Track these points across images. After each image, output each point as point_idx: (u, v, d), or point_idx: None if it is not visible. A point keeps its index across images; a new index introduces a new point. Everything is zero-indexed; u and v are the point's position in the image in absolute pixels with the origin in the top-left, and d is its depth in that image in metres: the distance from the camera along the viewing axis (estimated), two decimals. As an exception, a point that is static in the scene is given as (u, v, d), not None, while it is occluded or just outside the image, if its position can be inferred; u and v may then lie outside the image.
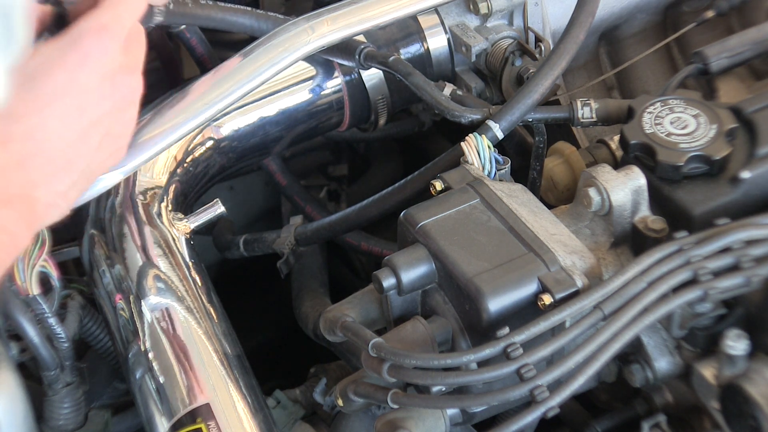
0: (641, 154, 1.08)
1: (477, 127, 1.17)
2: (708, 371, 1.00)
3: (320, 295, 1.39)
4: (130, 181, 1.26)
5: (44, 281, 1.17)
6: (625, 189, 1.04)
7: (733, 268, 0.95)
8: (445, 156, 1.19)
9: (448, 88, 1.25)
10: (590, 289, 0.94)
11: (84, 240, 1.26)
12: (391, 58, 1.25)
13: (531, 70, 1.26)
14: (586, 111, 1.20)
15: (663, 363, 1.03)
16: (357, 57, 1.27)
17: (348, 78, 1.36)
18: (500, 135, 1.15)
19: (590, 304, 0.94)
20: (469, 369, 0.94)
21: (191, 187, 1.32)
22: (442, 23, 1.36)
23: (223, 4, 1.28)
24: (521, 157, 1.23)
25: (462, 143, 1.13)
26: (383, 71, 1.32)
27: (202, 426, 1.05)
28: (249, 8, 1.30)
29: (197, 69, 1.44)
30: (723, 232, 0.97)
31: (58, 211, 0.84)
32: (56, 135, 0.82)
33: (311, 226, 1.37)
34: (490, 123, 1.16)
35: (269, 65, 1.18)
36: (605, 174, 1.05)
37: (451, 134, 1.60)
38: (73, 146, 0.84)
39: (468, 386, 0.97)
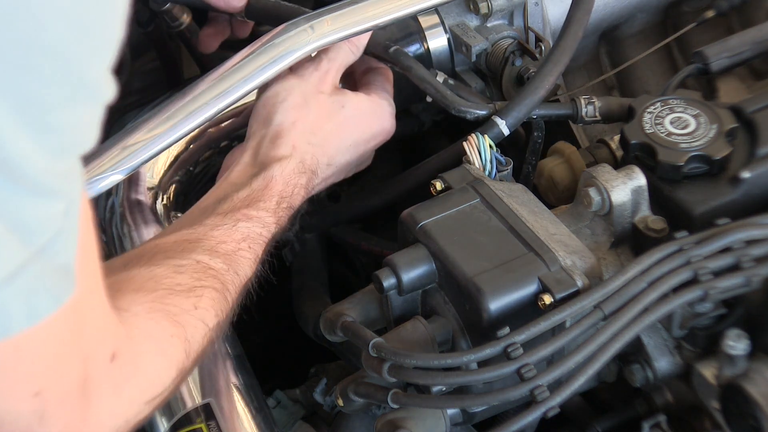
0: (641, 154, 1.08)
1: (482, 123, 1.17)
2: (708, 371, 1.00)
3: (320, 295, 1.39)
4: (130, 181, 1.26)
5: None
6: (625, 189, 1.04)
7: (734, 268, 0.95)
8: (452, 147, 1.19)
9: (441, 77, 1.26)
10: (590, 289, 0.95)
11: (84, 240, 1.26)
12: (392, 49, 1.25)
13: (531, 70, 1.26)
14: (590, 109, 1.20)
15: (663, 363, 1.03)
16: None
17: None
18: (506, 131, 1.15)
19: (590, 304, 0.94)
20: (469, 369, 0.94)
21: (191, 187, 1.32)
22: (443, 23, 1.36)
23: None
24: (512, 150, 1.23)
25: (464, 143, 1.13)
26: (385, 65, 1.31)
27: (202, 426, 1.05)
28: None
29: (197, 69, 1.44)
30: (723, 232, 0.97)
31: None
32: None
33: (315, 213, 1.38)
34: (497, 119, 1.16)
35: (269, 65, 1.18)
36: (605, 174, 1.05)
37: (452, 134, 1.60)
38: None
39: (468, 386, 0.97)
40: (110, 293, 0.78)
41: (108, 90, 0.68)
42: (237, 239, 1.02)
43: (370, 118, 1.18)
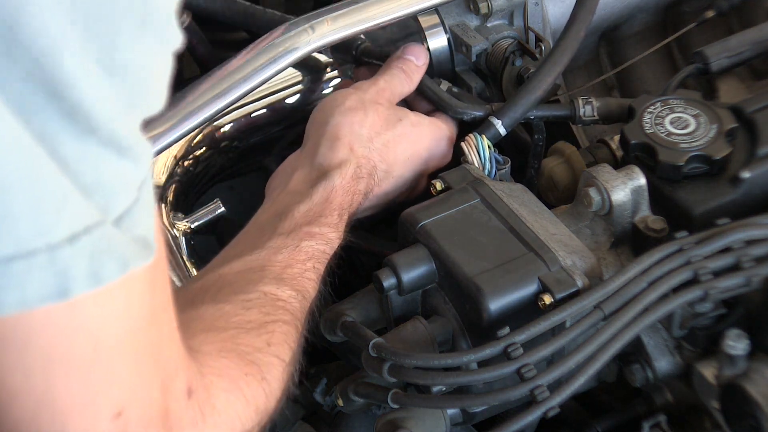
0: (642, 154, 1.08)
1: (479, 124, 1.17)
2: (708, 371, 1.00)
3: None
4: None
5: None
6: (625, 189, 1.04)
7: (734, 268, 0.96)
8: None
9: (444, 85, 1.26)
10: (590, 289, 0.95)
11: (84, 240, 1.26)
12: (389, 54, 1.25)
13: (531, 70, 1.26)
14: (587, 109, 1.20)
15: (663, 363, 1.03)
16: (353, 53, 1.27)
17: (347, 77, 1.36)
18: (503, 132, 1.15)
19: (590, 304, 0.94)
20: (469, 369, 0.94)
21: (191, 187, 1.32)
22: (443, 23, 1.36)
23: None
24: (515, 154, 1.23)
25: (462, 143, 1.13)
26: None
27: (203, 426, 1.05)
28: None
29: (197, 69, 1.44)
30: (723, 232, 0.97)
31: None
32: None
33: None
34: (493, 119, 1.16)
35: (269, 65, 1.18)
36: (606, 174, 1.05)
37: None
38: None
39: (468, 386, 0.97)
40: (180, 332, 0.73)
41: (176, 35, 0.63)
42: (302, 260, 0.99)
43: (428, 137, 1.15)
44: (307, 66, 1.36)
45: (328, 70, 1.36)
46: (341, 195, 1.06)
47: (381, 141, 1.11)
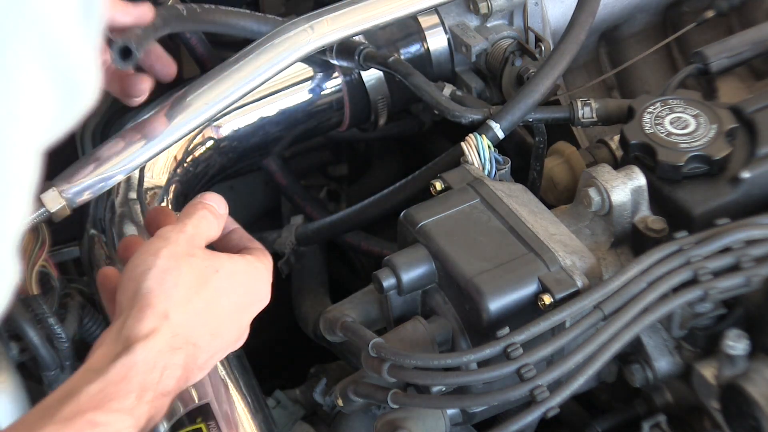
0: (641, 154, 1.08)
1: (477, 127, 1.17)
2: (708, 371, 1.00)
3: (320, 295, 1.39)
4: (130, 181, 1.26)
5: (44, 281, 1.16)
6: (625, 189, 1.04)
7: (733, 268, 0.96)
8: (445, 156, 1.19)
9: (448, 89, 1.25)
10: (590, 289, 0.95)
11: (84, 240, 1.26)
12: (391, 59, 1.25)
13: (531, 70, 1.26)
14: (586, 111, 1.20)
15: (663, 363, 1.03)
16: (356, 58, 1.27)
17: (348, 78, 1.36)
18: (501, 135, 1.15)
19: (590, 304, 0.94)
20: (469, 369, 0.94)
21: (191, 187, 1.32)
22: (442, 23, 1.36)
23: (226, 8, 1.28)
24: (521, 157, 1.23)
25: (462, 143, 1.13)
26: (383, 71, 1.32)
27: (202, 426, 1.05)
28: (252, 12, 1.30)
29: (197, 69, 1.44)
30: (723, 232, 0.97)
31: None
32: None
33: (312, 226, 1.37)
34: (491, 123, 1.16)
35: (269, 65, 1.18)
36: (605, 174, 1.05)
37: (452, 134, 1.60)
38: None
39: (468, 386, 0.97)
40: None
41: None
42: None
43: (247, 283, 1.02)
44: (309, 64, 1.36)
45: (329, 69, 1.36)
46: (144, 372, 0.90)
47: (201, 300, 0.98)
